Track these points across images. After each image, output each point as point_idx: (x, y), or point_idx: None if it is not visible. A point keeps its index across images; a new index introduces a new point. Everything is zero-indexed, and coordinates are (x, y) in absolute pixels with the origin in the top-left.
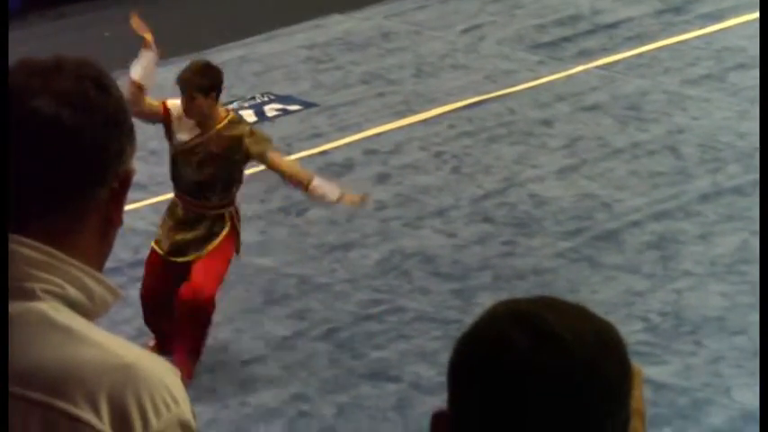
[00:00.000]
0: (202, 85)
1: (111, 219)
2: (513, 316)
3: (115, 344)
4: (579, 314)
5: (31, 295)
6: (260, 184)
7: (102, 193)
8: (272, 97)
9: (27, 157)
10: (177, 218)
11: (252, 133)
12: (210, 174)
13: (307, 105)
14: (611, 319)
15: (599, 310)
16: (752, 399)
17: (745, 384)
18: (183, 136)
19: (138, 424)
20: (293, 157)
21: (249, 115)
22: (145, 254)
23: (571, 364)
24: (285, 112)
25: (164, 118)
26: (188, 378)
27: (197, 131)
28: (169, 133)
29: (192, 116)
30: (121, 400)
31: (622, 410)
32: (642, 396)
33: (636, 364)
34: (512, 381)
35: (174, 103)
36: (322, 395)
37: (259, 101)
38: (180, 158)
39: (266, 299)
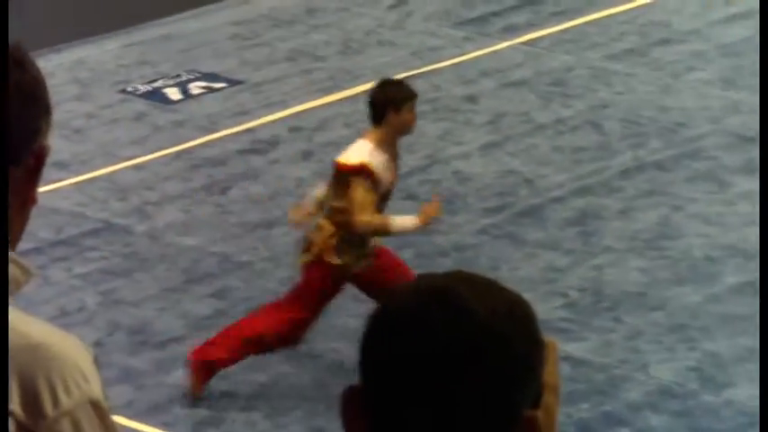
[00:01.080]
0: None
1: (26, 197)
2: (427, 290)
3: (24, 323)
4: (492, 289)
5: None
6: (182, 163)
7: (17, 171)
8: (198, 75)
9: None
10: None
11: None
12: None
13: (232, 83)
14: (531, 295)
15: (519, 287)
16: (668, 374)
17: (662, 360)
18: (388, 177)
19: (48, 403)
20: (218, 134)
21: (174, 93)
22: (68, 233)
23: (483, 337)
24: (210, 89)
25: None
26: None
27: (393, 165)
28: (376, 186)
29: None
30: (31, 380)
31: (533, 383)
32: (557, 371)
33: (551, 338)
34: (424, 355)
35: (372, 160)
36: (242, 374)
37: (184, 78)
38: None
39: (188, 278)
